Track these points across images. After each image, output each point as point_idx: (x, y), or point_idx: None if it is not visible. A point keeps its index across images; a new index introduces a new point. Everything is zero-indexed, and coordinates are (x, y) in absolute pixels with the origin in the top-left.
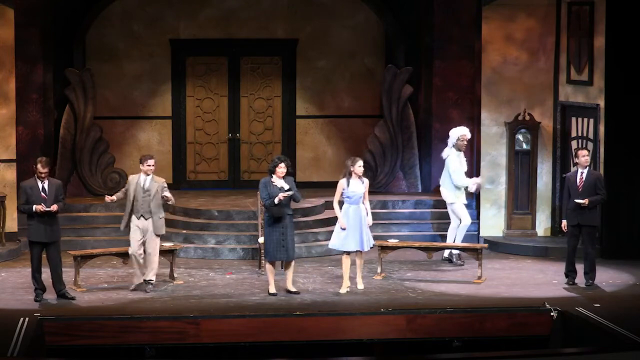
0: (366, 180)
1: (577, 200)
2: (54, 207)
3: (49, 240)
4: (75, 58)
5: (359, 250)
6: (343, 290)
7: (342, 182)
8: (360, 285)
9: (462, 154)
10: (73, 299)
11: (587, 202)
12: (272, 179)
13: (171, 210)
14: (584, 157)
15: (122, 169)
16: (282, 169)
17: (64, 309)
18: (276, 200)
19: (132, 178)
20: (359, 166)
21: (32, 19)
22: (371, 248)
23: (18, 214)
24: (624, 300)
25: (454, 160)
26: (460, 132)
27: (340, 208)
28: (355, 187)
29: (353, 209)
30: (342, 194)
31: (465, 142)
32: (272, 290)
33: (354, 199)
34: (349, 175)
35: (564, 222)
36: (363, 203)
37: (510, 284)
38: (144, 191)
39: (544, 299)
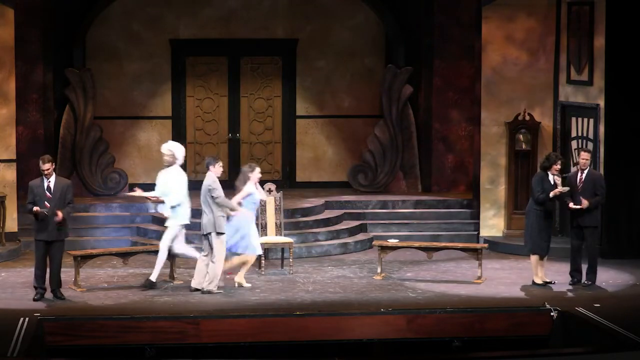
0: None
1: (572, 206)
2: (59, 216)
3: (52, 239)
4: (75, 58)
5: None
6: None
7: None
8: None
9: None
10: (63, 299)
11: (585, 205)
12: (548, 176)
13: None
14: (583, 159)
15: (122, 169)
16: (558, 165)
17: (64, 309)
18: (551, 195)
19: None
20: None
21: (32, 19)
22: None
23: (18, 214)
24: (624, 300)
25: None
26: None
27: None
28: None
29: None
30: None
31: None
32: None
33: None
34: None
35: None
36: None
37: (510, 284)
38: None
39: (544, 299)
